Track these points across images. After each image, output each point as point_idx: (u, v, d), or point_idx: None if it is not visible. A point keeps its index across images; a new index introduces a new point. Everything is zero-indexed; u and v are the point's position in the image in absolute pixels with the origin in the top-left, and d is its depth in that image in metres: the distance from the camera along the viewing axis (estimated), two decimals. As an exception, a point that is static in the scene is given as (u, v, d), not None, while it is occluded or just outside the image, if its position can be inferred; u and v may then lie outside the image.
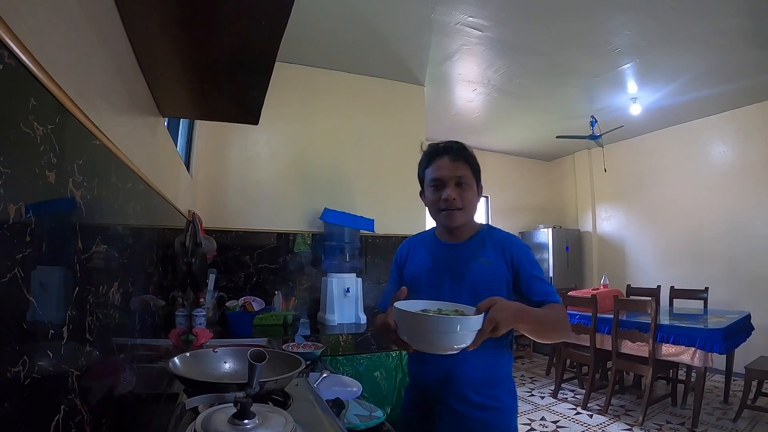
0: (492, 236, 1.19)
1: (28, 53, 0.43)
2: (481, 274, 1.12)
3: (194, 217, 1.71)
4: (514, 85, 3.75)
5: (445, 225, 1.17)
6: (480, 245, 1.16)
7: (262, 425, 0.58)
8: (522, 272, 1.12)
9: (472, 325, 0.86)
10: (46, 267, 0.50)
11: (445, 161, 1.14)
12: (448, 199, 1.12)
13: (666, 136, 4.95)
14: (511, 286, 1.12)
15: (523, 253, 1.15)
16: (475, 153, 1.20)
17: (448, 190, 1.12)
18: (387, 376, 2.32)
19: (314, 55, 3.11)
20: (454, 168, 1.13)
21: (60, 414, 0.52)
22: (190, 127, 2.49)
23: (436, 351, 0.90)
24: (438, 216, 1.17)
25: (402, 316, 0.90)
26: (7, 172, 0.39)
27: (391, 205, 3.33)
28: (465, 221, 1.16)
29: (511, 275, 1.12)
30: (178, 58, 0.93)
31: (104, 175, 0.70)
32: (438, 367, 1.11)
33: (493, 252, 1.14)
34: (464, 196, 1.13)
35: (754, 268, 4.10)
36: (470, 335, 0.86)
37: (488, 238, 1.18)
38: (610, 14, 2.65)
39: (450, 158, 1.14)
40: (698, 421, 2.95)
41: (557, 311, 1.08)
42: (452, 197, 1.11)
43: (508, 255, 1.14)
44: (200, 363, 0.93)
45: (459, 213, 1.13)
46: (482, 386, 1.10)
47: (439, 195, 1.14)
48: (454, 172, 1.13)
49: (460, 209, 1.13)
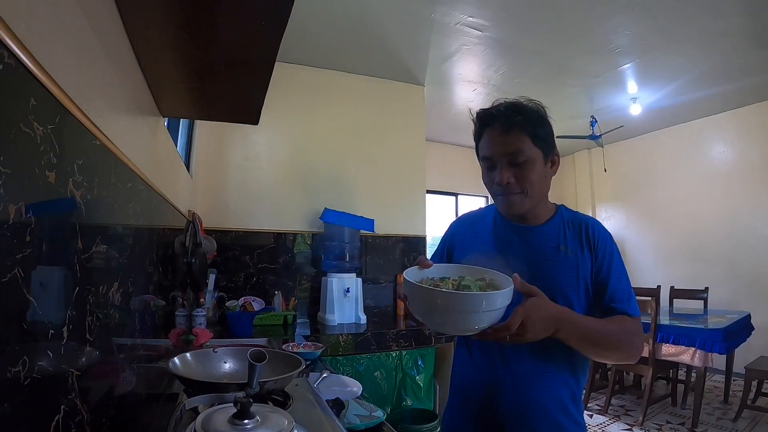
0: (570, 218, 0.96)
1: (28, 53, 0.43)
2: (566, 268, 0.89)
3: (194, 217, 1.71)
4: (514, 85, 3.75)
5: (505, 213, 0.96)
6: (560, 230, 0.93)
7: (262, 425, 0.58)
8: (606, 266, 0.90)
9: (498, 302, 0.71)
10: (46, 267, 0.50)
11: (495, 133, 0.91)
12: (501, 183, 0.89)
13: (666, 136, 4.95)
14: (590, 284, 0.90)
15: (609, 242, 0.92)
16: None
17: (501, 170, 0.89)
18: (387, 376, 2.32)
19: (314, 55, 3.11)
20: (506, 142, 0.89)
21: (60, 414, 0.52)
22: (190, 127, 2.49)
23: (455, 333, 0.78)
24: (495, 200, 0.95)
25: (411, 289, 0.76)
26: (7, 172, 0.39)
27: (391, 205, 3.33)
28: (531, 207, 0.92)
29: (593, 269, 0.90)
30: (178, 58, 0.93)
31: (104, 175, 0.70)
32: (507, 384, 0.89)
33: (576, 239, 0.92)
34: (524, 176, 0.89)
35: (754, 268, 4.10)
36: (497, 313, 0.72)
37: (567, 221, 0.95)
38: (610, 14, 2.65)
39: (500, 129, 0.90)
40: (698, 421, 2.95)
41: (626, 327, 0.85)
42: (505, 180, 0.88)
43: (593, 242, 0.91)
44: (200, 363, 0.93)
45: (518, 198, 0.90)
46: (568, 404, 0.89)
47: (492, 177, 0.92)
48: (506, 148, 0.89)
49: (519, 193, 0.89)
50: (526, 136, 0.89)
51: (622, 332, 0.85)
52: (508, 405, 0.89)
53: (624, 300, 0.89)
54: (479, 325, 0.72)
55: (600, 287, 0.89)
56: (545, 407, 0.87)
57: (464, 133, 5.71)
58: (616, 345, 0.85)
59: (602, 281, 0.89)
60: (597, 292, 0.90)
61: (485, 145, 0.93)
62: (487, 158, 0.92)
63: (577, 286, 0.89)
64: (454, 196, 5.99)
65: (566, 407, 0.88)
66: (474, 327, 0.73)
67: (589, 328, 0.83)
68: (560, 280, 0.88)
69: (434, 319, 0.75)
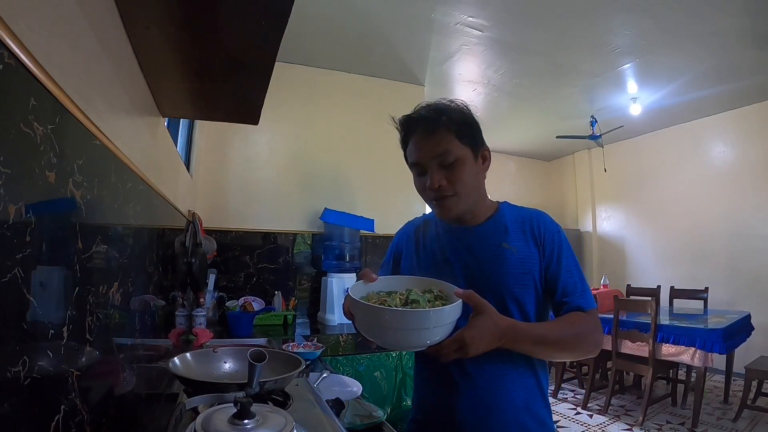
0: (514, 214, 0.93)
1: (28, 53, 0.43)
2: (512, 266, 0.86)
3: (194, 217, 1.71)
4: (514, 85, 3.75)
5: (441, 218, 0.94)
6: (502, 228, 0.90)
7: (262, 425, 0.58)
8: (555, 260, 0.87)
9: (448, 317, 0.71)
10: (46, 267, 0.50)
11: (420, 137, 0.87)
12: (432, 188, 0.86)
13: (666, 136, 4.95)
14: (540, 281, 0.88)
15: (557, 235, 0.90)
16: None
17: (431, 174, 0.86)
18: (387, 376, 2.32)
19: (314, 55, 3.11)
20: (432, 144, 0.86)
21: (60, 414, 0.52)
22: (190, 127, 2.49)
23: (406, 349, 0.77)
24: (430, 207, 0.92)
25: (356, 307, 0.74)
26: (7, 172, 0.39)
27: (391, 205, 3.33)
28: (467, 207, 0.90)
29: (542, 265, 0.88)
30: (178, 58, 0.93)
31: (104, 175, 0.70)
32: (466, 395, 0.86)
33: (519, 235, 0.89)
34: (455, 177, 0.85)
35: (754, 268, 4.10)
36: (448, 327, 0.72)
37: (510, 217, 0.92)
38: (610, 14, 2.65)
39: (425, 131, 0.86)
40: (698, 421, 2.95)
41: (580, 325, 0.83)
42: (437, 183, 0.85)
43: (540, 236, 0.89)
44: (200, 363, 0.93)
45: (453, 200, 0.87)
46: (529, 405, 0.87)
47: (423, 182, 0.88)
48: (434, 150, 0.85)
49: (452, 195, 0.87)
50: (453, 136, 0.86)
51: (577, 332, 0.83)
52: (468, 410, 0.86)
53: (576, 293, 0.86)
54: (431, 340, 0.71)
55: (551, 282, 0.87)
56: (505, 410, 0.85)
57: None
58: (571, 346, 0.83)
59: (552, 276, 0.87)
60: (548, 288, 0.88)
61: (412, 150, 0.89)
62: (416, 164, 0.89)
63: (526, 283, 0.86)
64: (454, 196, 5.98)
65: (528, 407, 0.86)
66: (425, 342, 0.72)
67: (539, 336, 0.81)
68: (507, 279, 0.86)
69: (384, 338, 0.73)
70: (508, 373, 0.86)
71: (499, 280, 0.86)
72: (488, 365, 0.85)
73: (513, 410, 0.85)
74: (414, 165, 0.90)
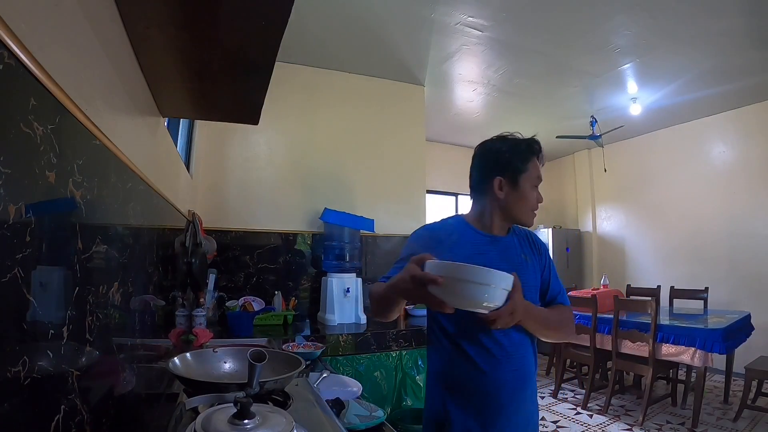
0: (521, 232, 1.18)
1: (28, 53, 0.43)
2: (529, 272, 1.09)
3: (194, 217, 1.71)
4: (514, 85, 3.75)
5: (528, 224, 1.15)
6: (519, 241, 1.14)
7: (262, 425, 0.58)
8: (547, 269, 1.14)
9: (506, 283, 0.87)
10: (46, 267, 0.50)
11: (539, 163, 1.13)
12: (540, 201, 1.12)
13: (666, 136, 4.95)
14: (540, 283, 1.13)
15: (546, 250, 1.18)
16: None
17: (538, 192, 1.12)
18: (387, 376, 2.32)
19: (314, 55, 3.11)
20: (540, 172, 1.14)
21: (60, 414, 0.52)
22: (190, 127, 2.49)
23: (475, 308, 0.86)
24: (527, 214, 1.11)
25: (447, 268, 0.85)
26: (7, 172, 0.39)
27: (391, 205, 3.33)
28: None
29: (542, 272, 1.13)
30: (178, 58, 0.93)
31: (104, 175, 0.70)
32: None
33: (528, 248, 1.14)
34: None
35: (754, 268, 4.10)
36: (502, 294, 0.87)
37: (519, 233, 1.17)
38: (610, 14, 2.65)
39: (541, 161, 1.14)
40: (698, 421, 2.95)
41: (563, 313, 1.12)
42: (541, 200, 1.13)
43: (540, 250, 1.15)
44: (200, 363, 0.93)
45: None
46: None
47: (536, 195, 1.11)
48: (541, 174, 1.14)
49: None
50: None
51: (563, 318, 1.11)
52: (510, 383, 1.03)
53: (561, 294, 1.15)
54: (499, 301, 0.86)
55: (544, 285, 1.13)
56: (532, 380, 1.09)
57: (464, 133, 5.72)
58: (558, 327, 1.09)
59: (545, 280, 1.14)
60: (542, 288, 1.13)
61: (536, 168, 1.11)
62: (539, 178, 1.12)
63: (535, 286, 1.11)
64: (454, 196, 5.99)
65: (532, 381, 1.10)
66: (495, 303, 0.86)
67: (543, 317, 1.06)
68: (526, 282, 1.03)
69: (466, 291, 0.84)
70: (528, 350, 1.08)
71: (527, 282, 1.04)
72: (519, 345, 1.05)
73: (533, 382, 1.10)
74: (537, 178, 1.11)
